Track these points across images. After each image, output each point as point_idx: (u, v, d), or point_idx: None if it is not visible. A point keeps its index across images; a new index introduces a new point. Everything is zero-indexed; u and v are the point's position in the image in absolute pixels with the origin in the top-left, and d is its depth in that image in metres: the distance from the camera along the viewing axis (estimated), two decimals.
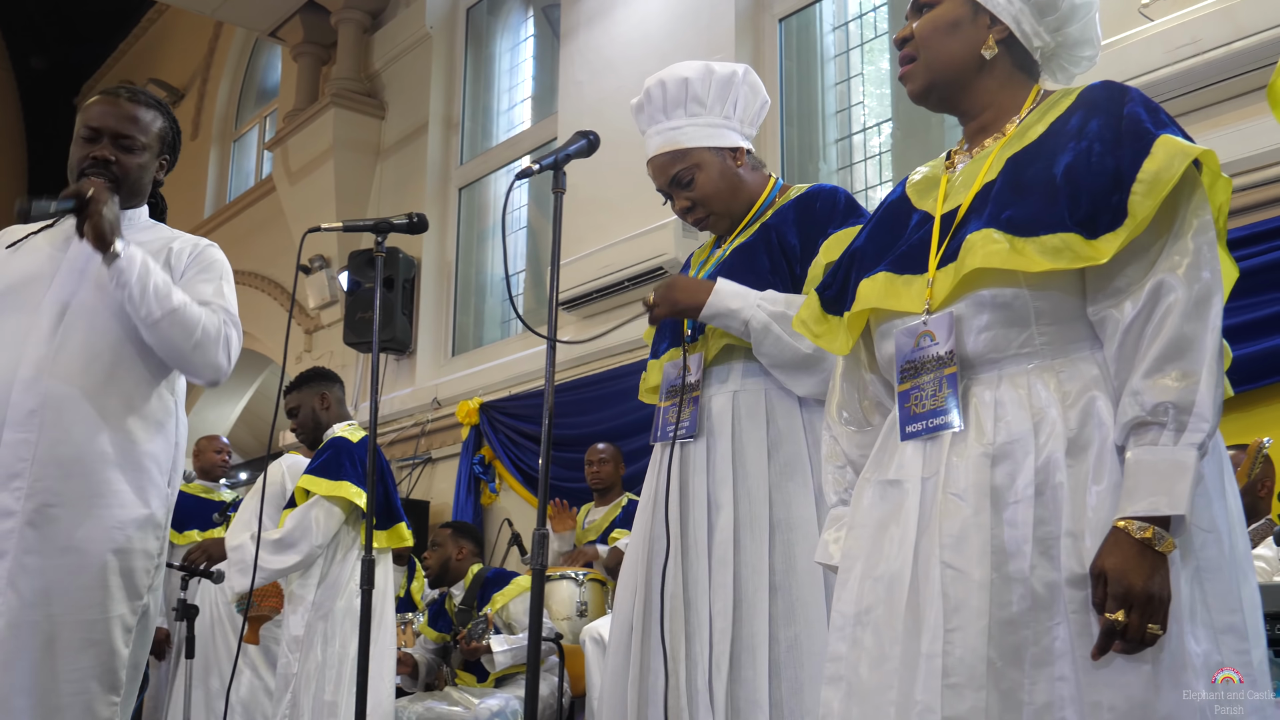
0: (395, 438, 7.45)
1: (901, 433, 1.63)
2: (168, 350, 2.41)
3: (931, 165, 1.82)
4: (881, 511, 1.63)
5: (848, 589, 1.64)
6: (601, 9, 6.41)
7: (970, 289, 1.57)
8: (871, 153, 5.43)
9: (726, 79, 2.36)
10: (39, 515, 2.27)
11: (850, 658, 1.60)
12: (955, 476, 1.53)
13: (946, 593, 1.48)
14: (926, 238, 1.66)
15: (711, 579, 2.17)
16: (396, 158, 8.17)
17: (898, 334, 1.65)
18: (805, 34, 5.76)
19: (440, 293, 7.68)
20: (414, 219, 2.97)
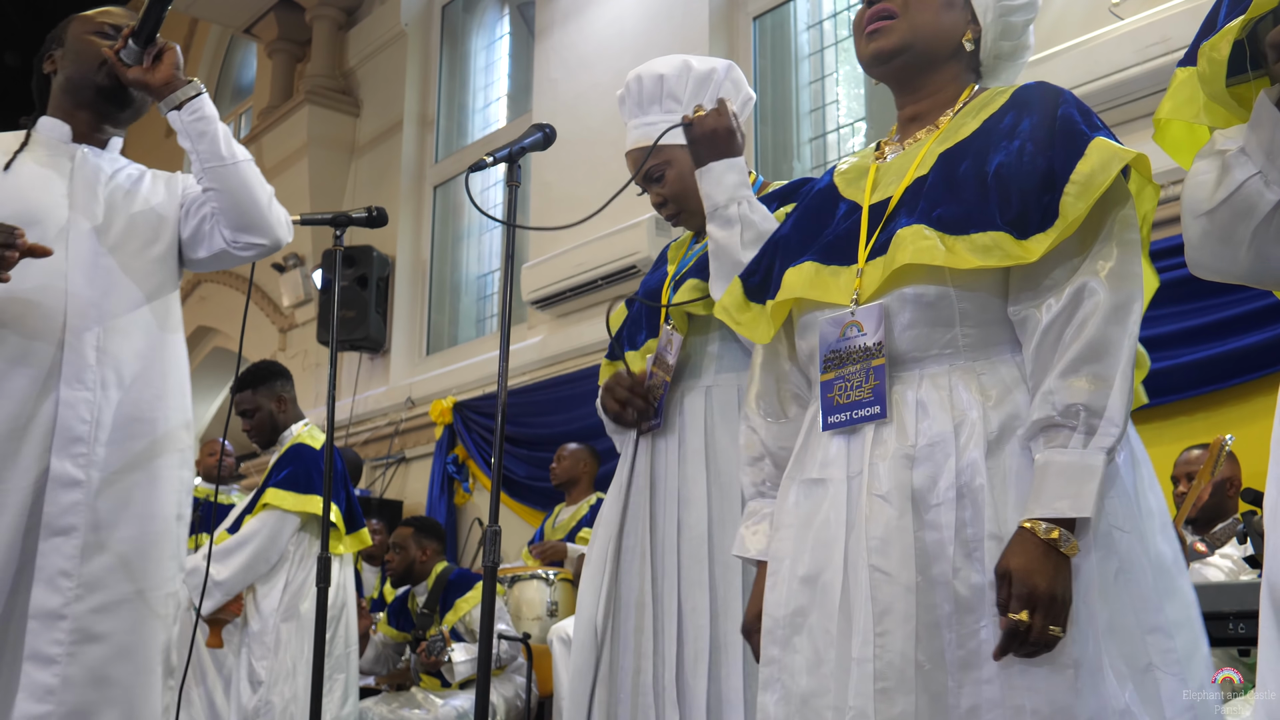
0: (369, 437, 7.41)
1: (823, 422, 1.61)
2: (246, 198, 2.23)
3: (860, 155, 1.80)
4: (806, 511, 1.61)
5: (777, 591, 1.62)
6: (576, 7, 6.39)
7: (897, 285, 1.55)
8: (846, 151, 5.42)
9: (704, 76, 2.34)
10: (107, 484, 2.11)
11: (784, 661, 1.58)
12: (878, 477, 1.51)
13: (875, 596, 1.47)
14: (854, 228, 1.64)
15: (683, 575, 2.15)
16: (371, 155, 8.13)
17: (822, 323, 1.62)
18: (780, 32, 5.75)
19: (415, 291, 7.64)
20: (373, 213, 2.93)
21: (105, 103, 2.31)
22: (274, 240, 2.29)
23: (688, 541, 2.17)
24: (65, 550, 2.05)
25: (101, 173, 2.28)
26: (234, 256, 2.31)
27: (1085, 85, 3.83)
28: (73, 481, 2.07)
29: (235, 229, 2.26)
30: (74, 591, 2.05)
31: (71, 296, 2.14)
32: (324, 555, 2.74)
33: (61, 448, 2.08)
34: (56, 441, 2.07)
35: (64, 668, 2.02)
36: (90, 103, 2.31)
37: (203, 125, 2.21)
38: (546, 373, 6.09)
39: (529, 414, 5.99)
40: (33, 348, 2.09)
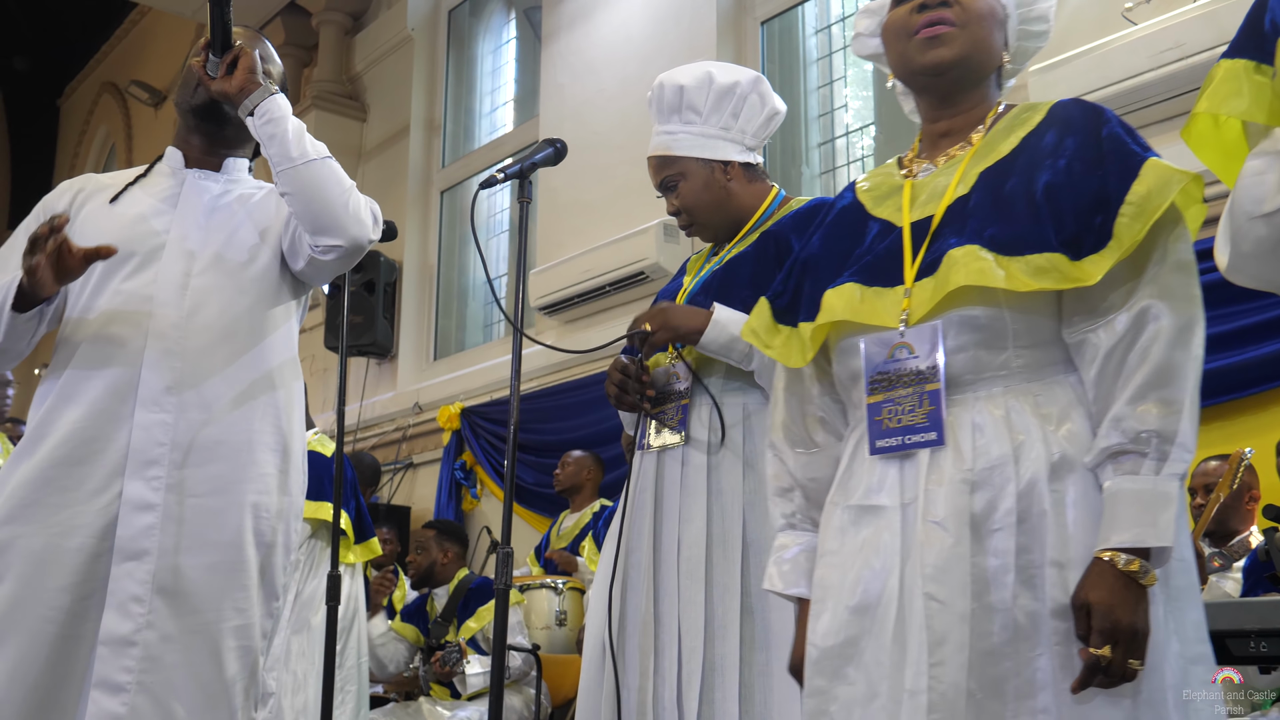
0: (377, 442, 7.40)
1: (871, 446, 1.56)
2: (318, 197, 2.13)
3: (882, 172, 1.76)
4: (856, 539, 1.56)
5: (822, 621, 1.57)
6: (583, 12, 6.37)
7: (949, 307, 1.51)
8: (855, 156, 5.39)
9: (726, 89, 2.33)
10: (182, 509, 2.04)
11: (833, 692, 1.53)
12: (934, 503, 1.47)
13: (930, 625, 1.43)
14: (894, 248, 1.60)
15: (680, 594, 2.13)
16: (378, 160, 8.12)
17: (867, 344, 1.58)
18: (787, 37, 5.72)
19: (422, 296, 7.63)
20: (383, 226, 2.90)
21: (205, 122, 2.26)
22: (350, 240, 2.16)
23: (686, 560, 2.14)
24: (138, 575, 2.00)
25: (207, 194, 2.24)
26: (320, 263, 2.20)
27: (1099, 91, 3.80)
28: (147, 505, 2.02)
29: (313, 231, 2.16)
30: (145, 618, 1.99)
31: (154, 319, 2.10)
32: (334, 573, 2.72)
33: (136, 470, 2.03)
34: (130, 464, 2.03)
35: (133, 696, 1.97)
36: (195, 126, 2.28)
37: (271, 128, 2.14)
38: (554, 379, 6.07)
39: (536, 420, 5.97)
40: (112, 370, 2.07)
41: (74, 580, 1.99)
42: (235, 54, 2.15)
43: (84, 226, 2.18)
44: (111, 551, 2.01)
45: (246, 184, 2.31)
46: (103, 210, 2.21)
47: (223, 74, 2.15)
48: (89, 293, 2.14)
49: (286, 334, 2.25)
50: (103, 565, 2.01)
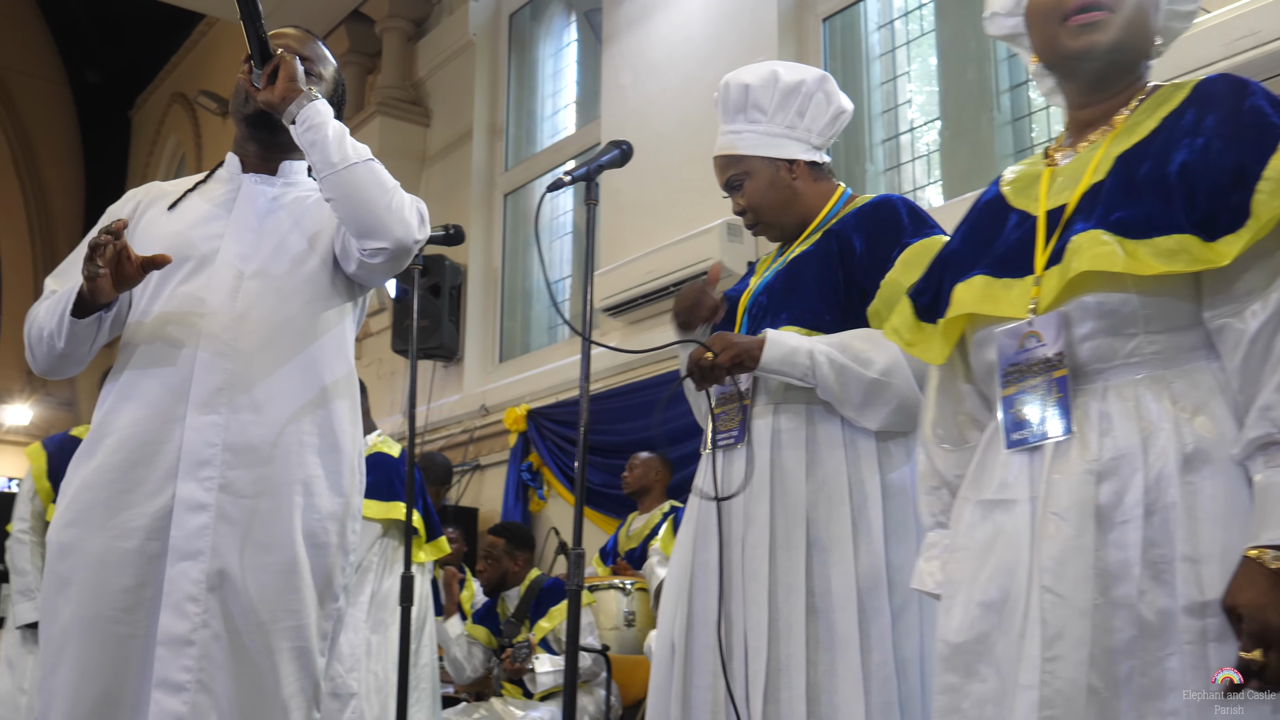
0: (443, 444, 7.46)
1: (1006, 440, 1.53)
2: (360, 201, 2.12)
3: (1028, 163, 1.72)
4: (985, 533, 1.54)
5: (953, 616, 1.55)
6: (643, 12, 6.38)
7: (1075, 293, 1.48)
8: (920, 152, 5.35)
9: (791, 88, 2.32)
10: (234, 509, 2.06)
11: (965, 689, 1.51)
12: (1057, 494, 1.44)
13: (1045, 619, 1.40)
14: (1027, 237, 1.57)
15: (745, 594, 2.12)
16: (442, 165, 8.19)
17: (1000, 336, 1.55)
18: (850, 33, 5.68)
19: (487, 299, 7.68)
20: (450, 230, 2.95)
21: (258, 130, 2.29)
22: (395, 242, 2.14)
23: (750, 560, 2.14)
24: (192, 575, 2.01)
25: (263, 199, 2.27)
26: (369, 266, 2.20)
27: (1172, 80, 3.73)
28: (199, 505, 2.04)
29: (358, 235, 2.16)
30: (201, 617, 2.01)
31: (206, 321, 2.12)
32: (407, 574, 2.75)
33: (188, 471, 2.05)
34: (183, 465, 2.05)
35: (193, 695, 1.98)
36: (250, 134, 2.31)
37: (311, 135, 2.14)
38: (619, 380, 6.08)
39: (602, 421, 5.98)
40: (166, 372, 2.10)
41: (134, 582, 2.03)
42: (276, 63, 2.16)
43: (143, 233, 2.23)
44: (158, 551, 2.03)
45: (303, 186, 2.33)
46: (161, 217, 2.25)
47: (265, 84, 2.16)
48: (147, 298, 2.18)
49: (339, 336, 2.26)
50: (160, 566, 2.03)
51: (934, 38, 5.33)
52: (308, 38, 2.36)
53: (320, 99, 2.17)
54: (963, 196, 4.85)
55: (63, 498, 2.11)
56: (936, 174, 5.25)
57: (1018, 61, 4.93)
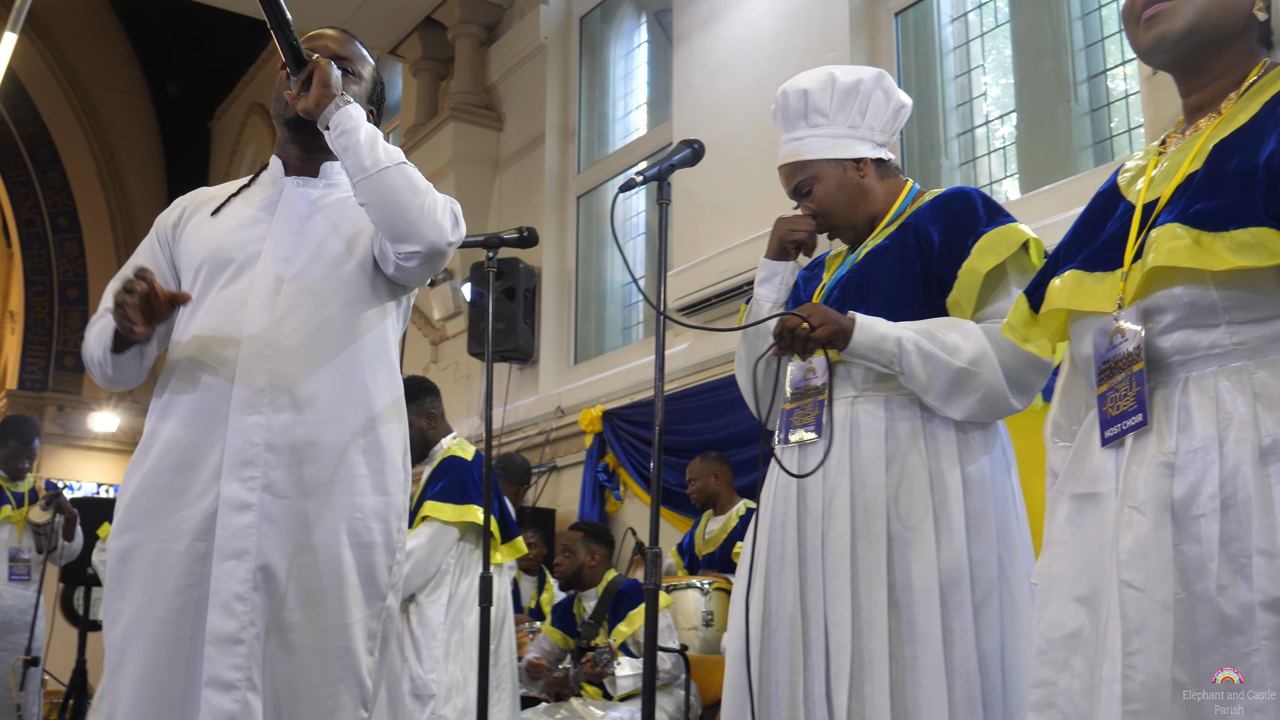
0: (520, 446, 7.51)
1: (1101, 438, 1.52)
2: (393, 205, 2.14)
3: (1147, 151, 1.68)
4: (1079, 527, 1.53)
5: (1049, 610, 1.54)
6: (713, 12, 6.37)
7: (1157, 287, 1.45)
8: (995, 145, 5.28)
9: (850, 87, 2.31)
10: (276, 508, 2.08)
11: (1060, 683, 1.50)
12: (1134, 487, 1.43)
13: (1125, 614, 1.38)
14: (1122, 231, 1.55)
15: (826, 589, 2.11)
16: (515, 168, 8.24)
17: (1094, 334, 1.54)
18: (923, 27, 5.63)
19: (561, 301, 7.72)
20: (524, 233, 2.96)
21: (297, 134, 2.31)
22: (428, 245, 2.16)
23: (831, 555, 2.12)
24: (238, 574, 2.04)
25: (304, 201, 2.29)
26: (405, 270, 2.22)
27: None
28: (244, 505, 2.06)
29: (392, 239, 2.18)
30: (248, 616, 2.03)
31: (247, 323, 2.15)
32: (485, 574, 2.77)
33: (232, 472, 2.07)
34: (227, 466, 2.08)
35: (243, 693, 2.01)
36: (291, 137, 2.33)
37: (344, 140, 2.15)
38: (694, 380, 6.08)
39: (677, 421, 5.98)
40: (210, 376, 2.13)
41: (184, 583, 2.06)
42: (310, 70, 2.17)
43: (188, 240, 2.27)
44: (206, 551, 2.07)
45: (344, 188, 2.32)
46: (206, 223, 2.28)
47: (299, 89, 2.18)
48: (191, 305, 2.21)
49: (380, 336, 2.27)
50: (208, 566, 2.06)
51: (1009, 29, 5.26)
52: (345, 38, 2.39)
53: (353, 104, 2.18)
54: (1040, 189, 4.78)
55: (119, 504, 2.16)
56: (1013, 167, 5.18)
57: (1095, 51, 4.84)
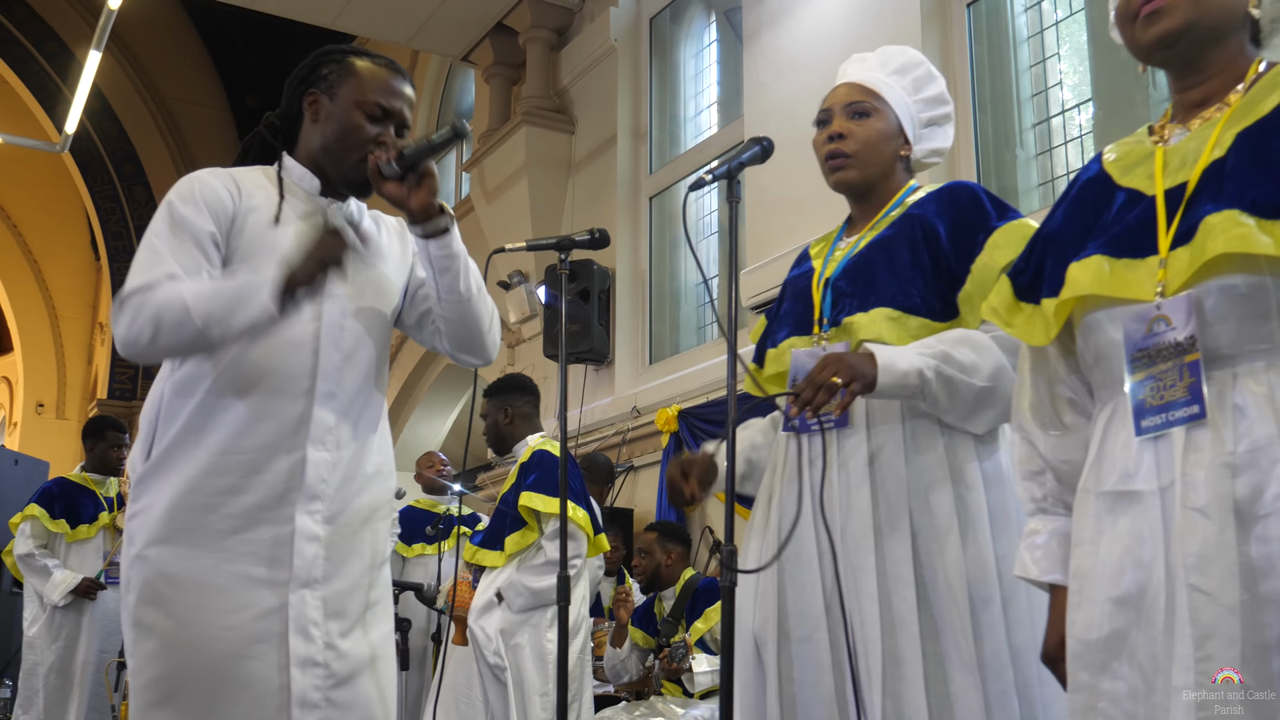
0: (597, 446, 7.54)
1: (1136, 428, 1.48)
2: (469, 327, 2.29)
3: (1131, 141, 1.67)
4: (1114, 527, 1.50)
5: (1083, 612, 1.52)
6: (783, 8, 6.34)
7: (1208, 276, 1.43)
8: (1072, 135, 5.20)
9: (940, 93, 2.36)
10: (334, 539, 2.17)
11: (1101, 687, 1.48)
12: (1194, 488, 1.40)
13: (1196, 619, 1.36)
14: (1145, 217, 1.52)
15: (849, 586, 2.07)
16: (587, 171, 8.28)
17: (1125, 320, 1.50)
18: (995, 17, 5.56)
19: (635, 302, 7.74)
20: (595, 235, 2.97)
21: (348, 186, 2.28)
22: (485, 361, 2.38)
23: (854, 551, 2.09)
24: (311, 601, 2.11)
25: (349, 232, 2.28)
26: (451, 357, 2.39)
27: None
28: (314, 536, 2.13)
29: (457, 349, 2.34)
30: (323, 639, 2.12)
31: (321, 357, 2.17)
32: (563, 574, 2.80)
33: (304, 504, 2.13)
34: (302, 498, 2.14)
35: (325, 712, 2.10)
36: (336, 179, 2.26)
37: (448, 261, 2.20)
38: None
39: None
40: (279, 405, 2.13)
41: (253, 605, 2.09)
42: (424, 172, 2.15)
43: (250, 240, 2.18)
44: (279, 578, 2.11)
45: (365, 216, 2.35)
46: (268, 230, 2.19)
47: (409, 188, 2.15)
48: None
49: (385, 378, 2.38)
50: (274, 591, 2.10)
51: (1084, 16, 5.18)
52: (412, 94, 2.34)
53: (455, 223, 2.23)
54: None
55: (152, 510, 2.12)
56: (1091, 156, 5.09)
57: None
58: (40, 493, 5.82)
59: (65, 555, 5.77)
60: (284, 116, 2.33)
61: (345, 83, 2.25)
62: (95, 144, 13.42)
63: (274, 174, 2.27)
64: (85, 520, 5.82)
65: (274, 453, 2.12)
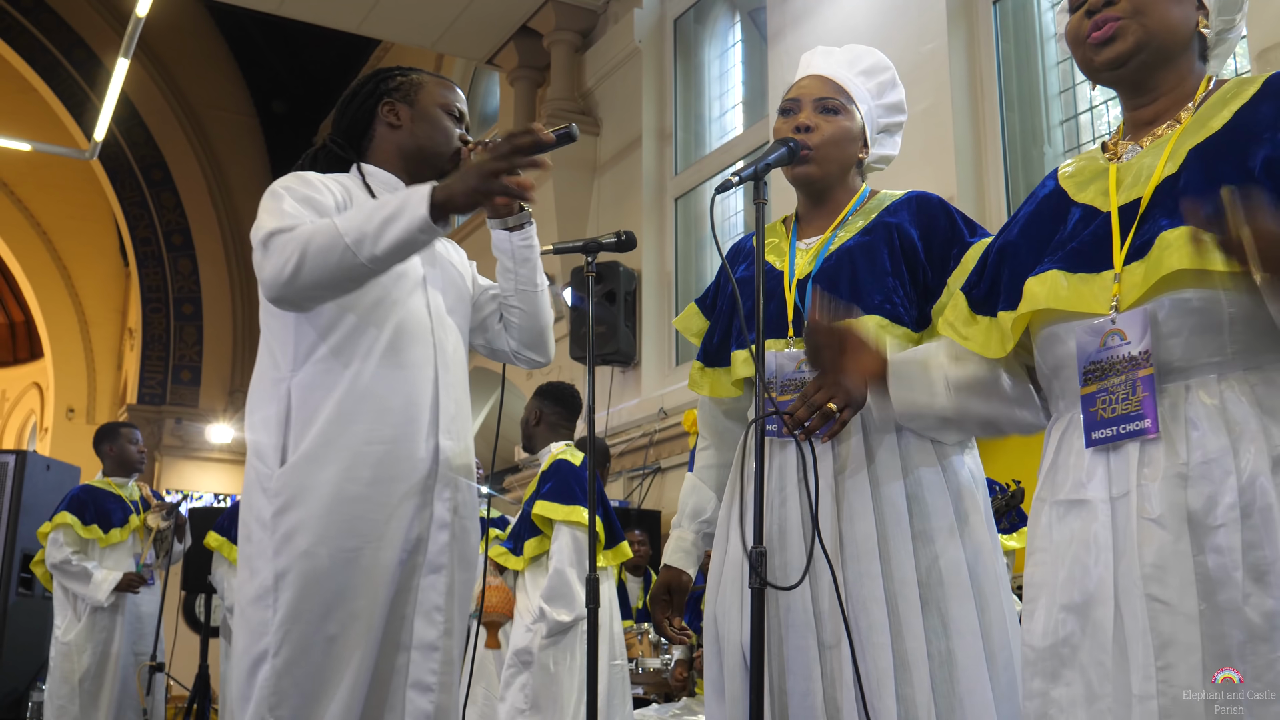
0: (624, 448, 7.54)
1: (1086, 439, 1.51)
2: (534, 323, 2.41)
3: (1085, 157, 1.69)
4: (1064, 534, 1.52)
5: (1036, 620, 1.54)
6: (807, 8, 6.33)
7: (1162, 290, 1.45)
8: (1100, 133, 5.16)
9: (898, 103, 2.34)
10: (457, 527, 2.23)
11: (1053, 695, 1.49)
12: (1149, 499, 1.41)
13: (1154, 628, 1.37)
14: (1100, 232, 1.54)
15: (852, 592, 2.03)
16: (613, 172, 8.28)
17: (1079, 332, 1.53)
18: (1022, 15, 5.53)
19: (661, 303, 7.73)
20: (622, 237, 2.97)
21: (435, 174, 2.34)
22: (548, 359, 2.48)
23: (857, 558, 2.05)
24: (439, 587, 2.18)
25: None
26: (508, 359, 2.47)
27: None
28: (444, 524, 2.20)
29: (523, 344, 2.42)
30: (444, 625, 2.18)
31: (440, 350, 2.25)
32: (592, 576, 2.80)
33: (439, 491, 2.20)
34: (437, 485, 2.20)
35: (438, 695, 2.17)
36: (427, 178, 2.25)
37: (528, 252, 2.35)
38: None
39: None
40: (411, 391, 2.19)
41: (390, 591, 2.14)
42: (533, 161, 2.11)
43: None
44: (414, 564, 2.16)
45: None
46: None
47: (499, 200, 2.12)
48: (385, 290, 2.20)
49: None
50: (408, 576, 2.16)
51: None
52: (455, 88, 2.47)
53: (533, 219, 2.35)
54: None
55: (305, 505, 2.11)
56: None
57: None
58: (69, 500, 5.85)
59: (99, 560, 5.80)
60: (348, 133, 2.40)
61: (420, 91, 2.39)
62: (123, 150, 13.51)
63: (354, 178, 2.33)
64: (116, 524, 5.85)
65: (414, 439, 2.18)
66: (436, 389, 2.22)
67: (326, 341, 2.17)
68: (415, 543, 2.17)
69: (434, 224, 2.01)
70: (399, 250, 2.03)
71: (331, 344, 2.17)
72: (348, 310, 2.17)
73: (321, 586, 2.09)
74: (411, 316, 2.21)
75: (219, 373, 13.92)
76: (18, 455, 7.27)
